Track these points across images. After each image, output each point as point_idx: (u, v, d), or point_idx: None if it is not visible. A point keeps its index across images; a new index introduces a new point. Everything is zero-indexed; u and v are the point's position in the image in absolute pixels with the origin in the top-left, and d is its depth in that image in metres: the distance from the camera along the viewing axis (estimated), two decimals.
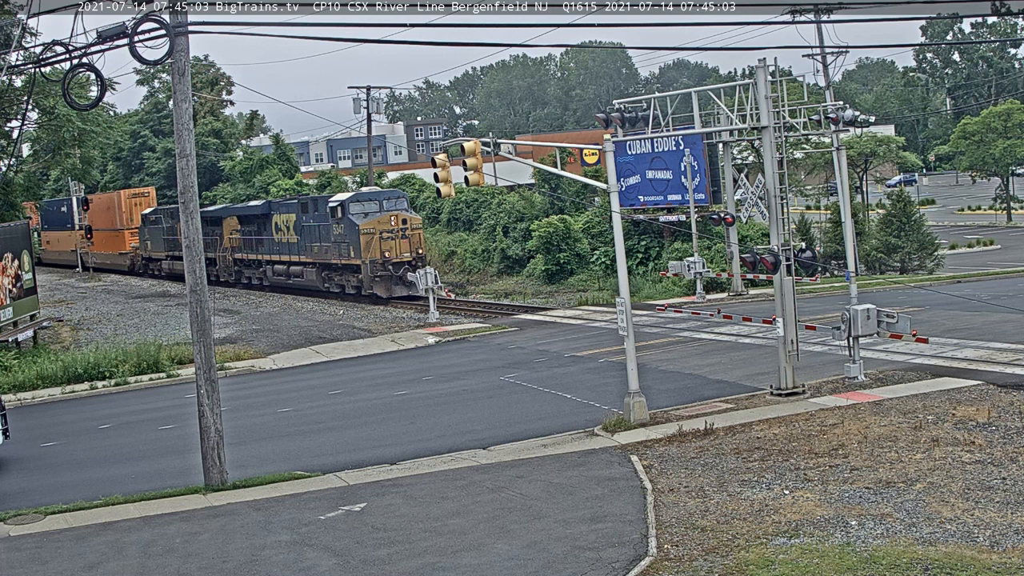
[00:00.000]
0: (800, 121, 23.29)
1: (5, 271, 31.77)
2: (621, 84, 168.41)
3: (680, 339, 28.06)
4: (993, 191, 75.45)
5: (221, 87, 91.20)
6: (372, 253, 40.84)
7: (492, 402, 22.43)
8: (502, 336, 31.48)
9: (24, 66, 23.21)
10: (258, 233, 50.12)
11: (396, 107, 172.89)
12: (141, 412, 24.49)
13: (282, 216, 47.46)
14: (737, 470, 15.71)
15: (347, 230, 41.68)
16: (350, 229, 41.49)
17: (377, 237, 40.80)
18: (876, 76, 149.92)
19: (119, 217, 66.67)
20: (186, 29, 16.54)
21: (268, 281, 49.70)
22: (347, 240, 41.82)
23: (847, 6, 36.38)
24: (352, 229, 41.37)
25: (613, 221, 20.35)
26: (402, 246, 41.35)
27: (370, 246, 40.86)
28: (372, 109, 55.07)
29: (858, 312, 20.77)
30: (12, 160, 43.26)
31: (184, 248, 17.31)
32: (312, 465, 18.09)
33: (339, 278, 43.69)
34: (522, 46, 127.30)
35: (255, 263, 50.96)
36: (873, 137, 63.37)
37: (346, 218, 41.64)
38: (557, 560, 12.54)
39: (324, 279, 44.68)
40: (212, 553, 13.87)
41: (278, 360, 30.35)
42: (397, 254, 41.13)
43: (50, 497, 17.22)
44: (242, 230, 51.71)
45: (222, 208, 56.81)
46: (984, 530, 12.44)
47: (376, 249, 40.81)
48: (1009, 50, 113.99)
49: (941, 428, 16.95)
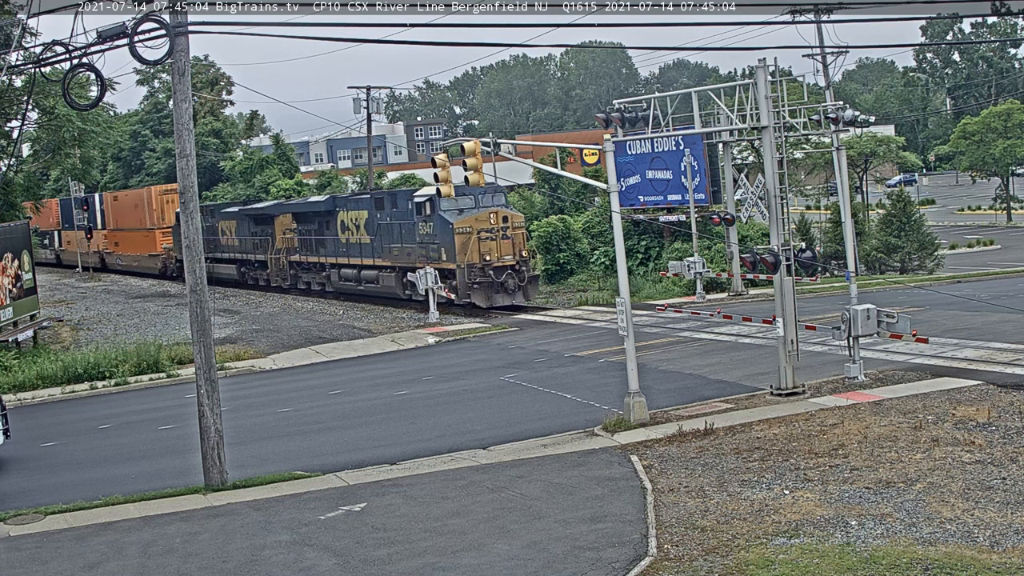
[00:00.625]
0: (800, 121, 23.28)
1: (5, 271, 31.78)
2: (621, 84, 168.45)
3: (680, 339, 28.06)
4: (993, 191, 75.47)
5: (221, 87, 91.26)
6: (469, 256, 35.76)
7: (492, 402, 22.43)
8: (502, 336, 31.48)
9: (24, 66, 23.21)
10: (319, 232, 44.87)
11: (396, 107, 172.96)
12: (141, 412, 24.49)
13: (350, 213, 42.36)
14: (737, 470, 15.71)
15: (438, 229, 36.60)
16: (441, 228, 36.37)
17: (474, 237, 35.82)
18: (876, 76, 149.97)
19: (149, 215, 61.43)
20: (186, 29, 16.54)
21: (333, 287, 44.38)
22: (437, 241, 36.69)
23: (847, 6, 36.38)
24: (444, 228, 36.25)
25: (613, 221, 20.35)
26: (503, 247, 36.32)
27: (467, 248, 35.81)
28: (372, 109, 55.01)
29: (858, 312, 20.76)
30: (12, 160, 43.26)
31: (184, 248, 17.31)
32: (312, 465, 18.09)
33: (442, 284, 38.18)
34: (522, 46, 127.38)
35: (316, 267, 45.49)
36: (873, 137, 63.39)
37: (436, 215, 36.50)
38: (557, 560, 12.54)
39: (407, 285, 38.59)
40: (212, 553, 13.87)
41: (278, 360, 30.35)
42: (498, 256, 36.11)
43: (50, 497, 17.22)
44: (299, 229, 46.64)
45: (273, 205, 51.34)
46: (984, 530, 12.44)
47: (474, 251, 35.76)
48: (1009, 50, 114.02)
49: (941, 428, 16.95)
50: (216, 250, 53.45)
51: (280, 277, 48.30)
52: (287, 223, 47.75)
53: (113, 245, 67.10)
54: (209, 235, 53.28)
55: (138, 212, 62.42)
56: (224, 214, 53.64)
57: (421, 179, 70.00)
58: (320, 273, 45.21)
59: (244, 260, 51.79)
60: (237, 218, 51.85)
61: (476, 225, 35.97)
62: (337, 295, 44.08)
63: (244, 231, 51.20)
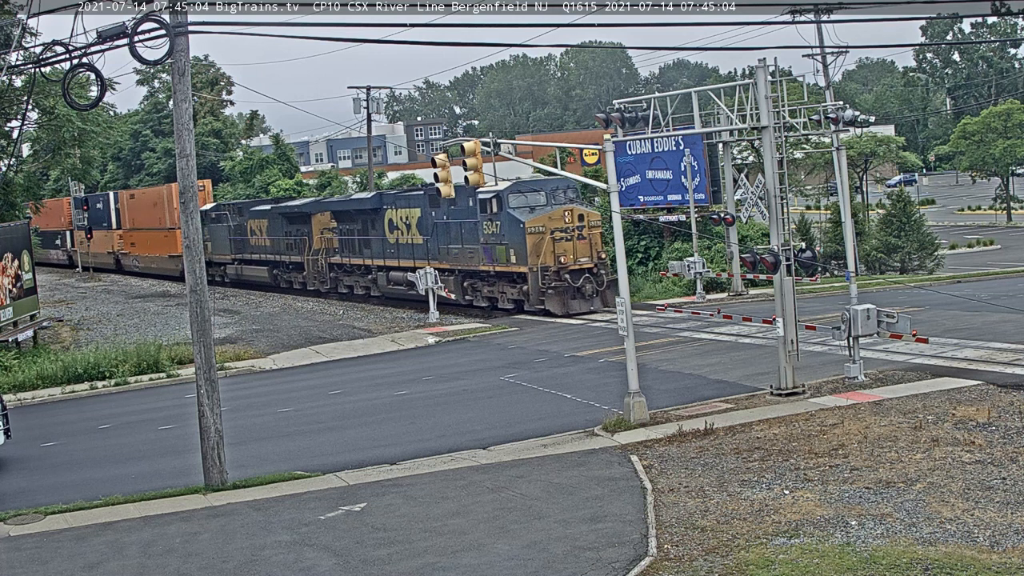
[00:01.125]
0: (800, 121, 23.29)
1: (5, 271, 31.79)
2: (621, 84, 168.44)
3: (680, 339, 28.06)
4: (993, 191, 75.49)
5: (221, 87, 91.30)
6: (543, 258, 32.90)
7: (492, 402, 22.43)
8: (502, 336, 31.48)
9: (24, 66, 23.22)
10: (363, 232, 41.54)
11: (396, 107, 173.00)
12: (141, 412, 24.49)
13: (400, 211, 39.11)
14: (737, 470, 15.71)
15: (506, 229, 33.54)
16: (511, 228, 33.36)
17: (548, 238, 32.92)
18: (876, 76, 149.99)
19: (169, 215, 57.27)
20: (186, 29, 16.54)
21: (380, 291, 41.09)
22: (505, 241, 33.73)
23: (847, 6, 36.39)
24: (514, 228, 33.26)
25: (613, 221, 20.36)
26: (579, 249, 33.33)
27: (539, 249, 32.89)
28: (372, 109, 55.05)
29: (858, 312, 20.77)
30: (12, 160, 43.27)
31: (184, 248, 17.32)
32: (312, 465, 18.09)
33: (491, 289, 35.55)
34: (522, 46, 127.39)
35: (360, 269, 41.94)
36: (873, 137, 63.40)
37: (504, 213, 33.42)
38: (557, 560, 12.54)
39: (467, 290, 36.43)
40: (212, 553, 13.87)
41: (278, 360, 30.36)
42: (574, 259, 33.19)
43: (50, 497, 17.22)
44: (340, 228, 43.32)
45: (311, 202, 47.68)
46: (984, 530, 12.44)
47: (547, 253, 32.89)
48: (1009, 50, 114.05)
49: (941, 428, 16.95)
50: (245, 251, 50.93)
51: (318, 280, 45.06)
52: (325, 222, 44.69)
53: (129, 246, 63.47)
54: (237, 235, 50.97)
55: (157, 211, 58.77)
56: (254, 213, 50.49)
57: (421, 179, 70.01)
58: (365, 276, 41.76)
59: (277, 262, 48.52)
60: (269, 217, 48.61)
61: (549, 224, 33.01)
62: (383, 300, 41.10)
63: (277, 231, 47.98)
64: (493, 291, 35.22)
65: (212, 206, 54.58)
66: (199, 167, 65.33)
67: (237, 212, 51.33)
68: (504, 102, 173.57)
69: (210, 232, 52.66)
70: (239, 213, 51.07)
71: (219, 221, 52.83)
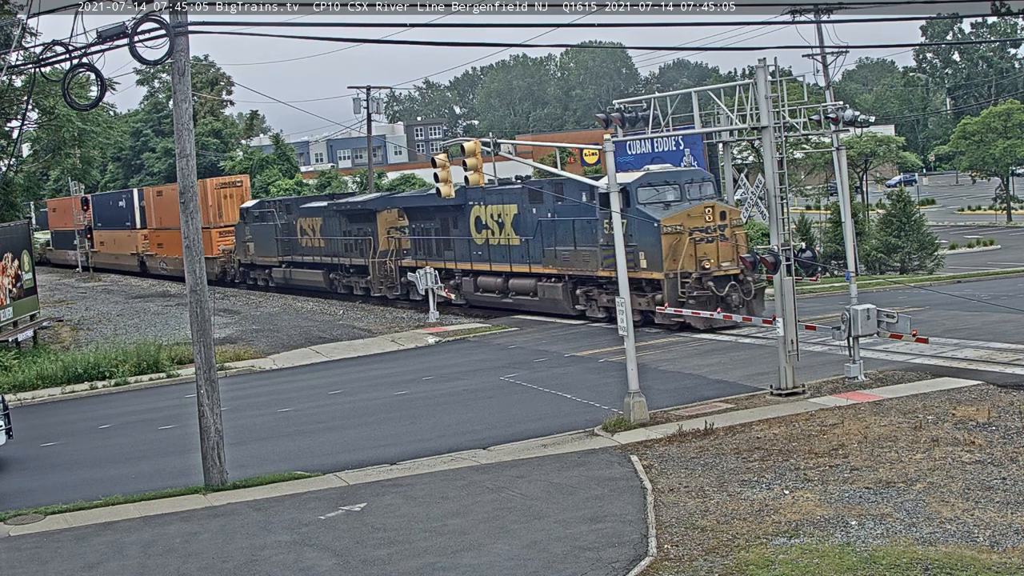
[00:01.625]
0: (800, 121, 23.26)
1: (5, 271, 31.81)
2: (621, 84, 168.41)
3: (680, 339, 28.06)
4: (993, 191, 75.46)
5: (221, 87, 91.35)
6: (682, 263, 28.15)
7: (492, 402, 22.43)
8: (502, 336, 31.47)
9: (24, 66, 23.24)
10: (443, 231, 37.19)
11: (396, 107, 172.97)
12: (141, 412, 24.50)
13: (489, 208, 34.57)
14: (737, 470, 15.71)
15: (635, 228, 28.46)
16: (641, 227, 28.46)
17: (686, 239, 28.17)
18: (876, 76, 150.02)
19: (204, 213, 50.20)
20: (186, 29, 16.55)
21: (464, 298, 36.73)
22: (633, 243, 28.27)
23: (847, 6, 36.39)
24: (646, 227, 28.48)
25: (613, 221, 20.36)
26: (723, 251, 28.57)
27: (676, 252, 28.08)
28: (372, 109, 55.03)
29: (858, 312, 20.77)
30: (12, 160, 43.29)
31: (184, 248, 17.32)
32: (312, 465, 18.09)
33: (611, 299, 29.01)
34: (522, 46, 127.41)
35: (440, 274, 36.66)
36: (873, 137, 63.38)
37: (633, 210, 28.18)
38: (557, 560, 12.54)
39: (579, 299, 31.85)
40: (212, 553, 13.87)
41: (278, 360, 30.36)
42: (716, 263, 28.39)
43: (50, 497, 17.23)
44: (412, 227, 38.98)
45: (376, 198, 42.74)
46: (984, 530, 12.44)
47: (687, 257, 28.11)
48: (1009, 50, 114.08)
49: (941, 428, 16.95)
50: (294, 252, 46.11)
51: (385, 285, 40.26)
52: (393, 220, 40.36)
53: (156, 247, 58.24)
54: (284, 235, 46.41)
55: None
56: (306, 210, 45.65)
57: (421, 179, 70.09)
58: (445, 281, 36.84)
59: (334, 265, 43.53)
60: (324, 215, 43.83)
61: (688, 223, 28.23)
62: (468, 307, 36.92)
63: (334, 230, 43.13)
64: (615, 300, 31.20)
65: (255, 203, 50.55)
66: (199, 167, 65.10)
67: (285, 209, 46.92)
68: (504, 102, 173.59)
69: (252, 232, 48.94)
70: (287, 210, 46.67)
71: (263, 220, 48.11)
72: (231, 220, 51.24)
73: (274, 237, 46.97)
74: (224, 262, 51.98)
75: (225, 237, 51.92)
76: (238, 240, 50.36)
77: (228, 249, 51.74)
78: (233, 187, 53.13)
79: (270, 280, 48.40)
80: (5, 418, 19.82)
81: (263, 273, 49.00)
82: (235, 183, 53.82)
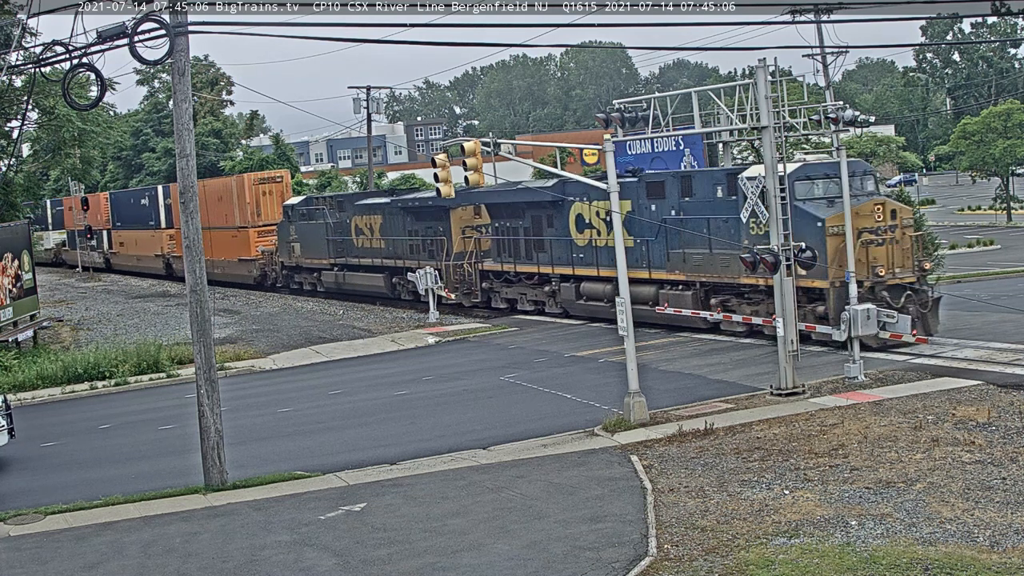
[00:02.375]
0: (800, 121, 23.27)
1: (5, 271, 31.83)
2: (621, 84, 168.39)
3: (680, 339, 28.05)
4: (993, 191, 75.44)
5: (221, 87, 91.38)
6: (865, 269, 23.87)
7: (492, 402, 22.44)
8: (502, 336, 31.47)
9: (24, 66, 23.26)
10: (534, 231, 32.94)
11: (396, 107, 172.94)
12: (141, 412, 24.50)
13: (596, 204, 29.90)
14: (737, 470, 15.71)
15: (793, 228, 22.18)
16: (801, 226, 23.08)
17: (855, 240, 23.00)
18: (876, 76, 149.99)
19: (240, 211, 48.67)
20: (186, 29, 16.56)
21: (564, 306, 32.54)
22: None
23: (847, 6, 36.40)
24: (807, 227, 23.71)
25: (613, 221, 20.36)
26: (895, 256, 24.42)
27: (843, 256, 22.71)
28: (372, 109, 55.03)
29: (858, 312, 20.77)
30: (12, 160, 43.30)
31: (184, 248, 17.35)
32: (312, 465, 18.10)
33: (756, 309, 25.89)
34: (522, 46, 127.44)
35: (527, 278, 33.29)
36: (873, 137, 63.41)
37: (790, 207, 22.23)
38: (557, 560, 12.55)
39: (715, 309, 27.18)
40: (212, 553, 13.88)
41: (278, 360, 30.37)
42: (888, 268, 24.17)
43: (50, 497, 17.23)
44: (495, 227, 35.12)
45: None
46: (984, 530, 12.45)
47: (857, 262, 22.77)
48: (1009, 50, 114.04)
49: (941, 428, 16.95)
50: (348, 254, 42.08)
51: (461, 291, 36.53)
52: (469, 218, 36.86)
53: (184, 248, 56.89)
54: (337, 234, 42.48)
55: (223, 206, 49.78)
56: (362, 207, 41.65)
57: (421, 179, 70.05)
58: (539, 287, 33.15)
59: (397, 268, 39.28)
60: (385, 212, 39.78)
61: (856, 223, 23.30)
62: (563, 315, 32.89)
63: (396, 229, 39.22)
64: (759, 311, 25.64)
65: (301, 200, 46.45)
66: (199, 167, 64.84)
67: (337, 207, 43.15)
68: (504, 102, 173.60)
69: (298, 231, 44.89)
70: (340, 208, 42.92)
71: (311, 218, 44.06)
72: (271, 218, 47.62)
73: (324, 237, 42.93)
74: (264, 264, 48.19)
75: (264, 237, 48.07)
76: (281, 240, 46.40)
77: (268, 250, 47.92)
78: (273, 183, 49.27)
79: (319, 284, 44.63)
80: (8, 418, 19.84)
81: (310, 276, 45.28)
82: (275, 178, 49.94)
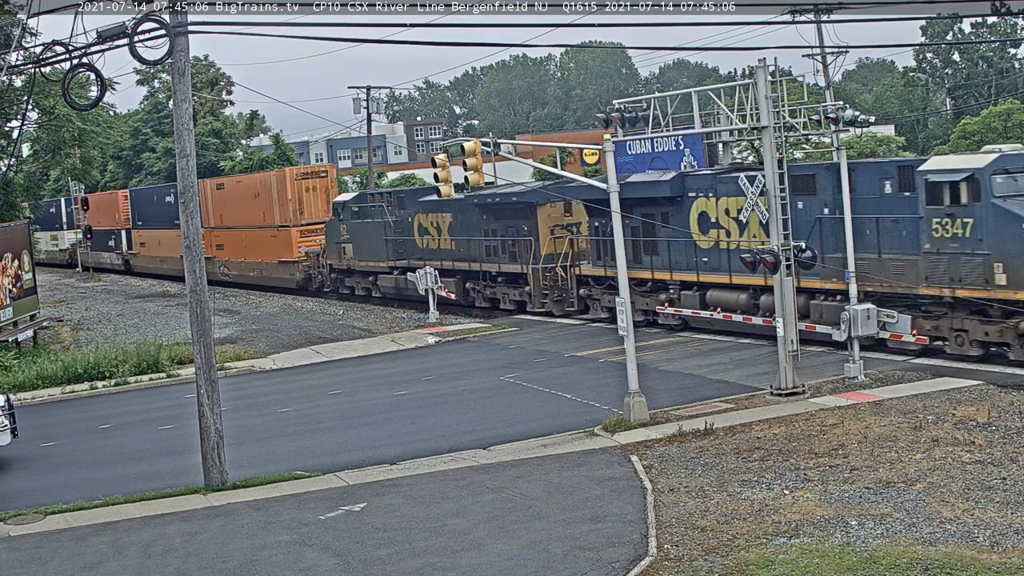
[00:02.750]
0: (800, 121, 23.26)
1: (5, 271, 31.82)
2: (621, 84, 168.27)
3: (680, 339, 28.05)
4: None
5: (221, 87, 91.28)
6: None
7: (492, 402, 22.44)
8: (502, 336, 31.47)
9: (24, 66, 23.26)
10: (645, 231, 28.77)
11: (396, 107, 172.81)
12: (141, 412, 24.50)
13: (723, 201, 26.48)
14: (737, 470, 15.71)
15: (990, 230, 20.37)
16: (997, 227, 20.24)
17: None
18: (876, 76, 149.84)
19: (281, 208, 45.12)
20: (186, 29, 16.56)
21: (685, 318, 28.59)
22: (984, 251, 20.49)
23: (847, 6, 36.39)
24: (1005, 227, 20.25)
25: (613, 221, 20.36)
26: None
27: None
28: (372, 109, 54.98)
29: (858, 312, 20.76)
30: (12, 160, 43.29)
31: (184, 248, 17.32)
32: (312, 465, 18.10)
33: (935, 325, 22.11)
34: (522, 46, 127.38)
35: (635, 284, 27.84)
36: (873, 137, 63.33)
37: (986, 206, 20.28)
38: (557, 560, 12.55)
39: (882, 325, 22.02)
40: (212, 553, 13.88)
41: (278, 360, 30.37)
42: None
43: (50, 497, 17.23)
44: (594, 226, 30.86)
45: (535, 188, 33.62)
46: (984, 530, 12.45)
47: None
48: (1009, 50, 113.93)
49: (941, 428, 16.95)
50: (410, 255, 38.31)
51: (551, 298, 32.80)
52: (558, 216, 33.06)
53: (215, 249, 50.02)
54: (396, 235, 38.82)
55: (261, 203, 46.31)
56: (428, 204, 37.63)
57: (421, 179, 70.04)
58: (651, 295, 29.40)
59: (473, 272, 36.07)
60: (455, 210, 35.95)
61: None
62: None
63: (470, 228, 35.80)
64: (940, 326, 22.04)
65: (353, 196, 42.83)
66: (199, 167, 64.63)
67: (397, 204, 39.28)
68: (504, 102, 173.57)
69: (350, 231, 41.04)
70: (400, 205, 39.10)
71: (366, 216, 40.18)
72: (315, 216, 44.32)
73: (382, 237, 39.20)
74: (308, 266, 44.44)
75: (308, 237, 44.53)
76: (330, 241, 42.56)
77: (313, 251, 44.30)
78: (317, 178, 45.70)
79: (374, 289, 40.89)
80: (10, 417, 19.85)
81: (365, 280, 41.53)
82: (320, 173, 46.38)
